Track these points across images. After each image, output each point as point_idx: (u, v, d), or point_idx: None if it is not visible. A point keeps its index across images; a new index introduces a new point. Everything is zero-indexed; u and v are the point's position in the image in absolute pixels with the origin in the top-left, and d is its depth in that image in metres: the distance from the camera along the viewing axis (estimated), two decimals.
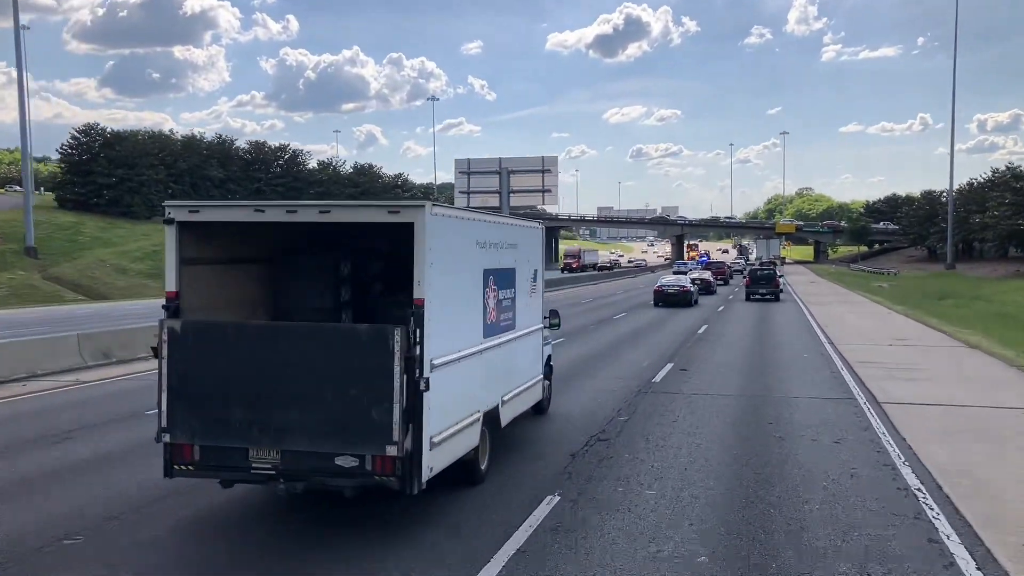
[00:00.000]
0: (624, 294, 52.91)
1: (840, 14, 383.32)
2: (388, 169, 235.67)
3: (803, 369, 18.08)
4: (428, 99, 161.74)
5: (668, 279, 43.73)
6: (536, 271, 11.25)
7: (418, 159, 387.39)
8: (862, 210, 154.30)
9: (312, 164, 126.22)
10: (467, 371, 8.13)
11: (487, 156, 60.58)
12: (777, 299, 44.39)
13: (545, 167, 52.63)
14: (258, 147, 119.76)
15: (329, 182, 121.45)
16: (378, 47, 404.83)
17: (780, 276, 48.98)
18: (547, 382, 12.62)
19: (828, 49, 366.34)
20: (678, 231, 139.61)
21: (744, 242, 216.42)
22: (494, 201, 55.40)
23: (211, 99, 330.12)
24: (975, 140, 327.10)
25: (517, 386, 10.11)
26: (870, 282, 68.28)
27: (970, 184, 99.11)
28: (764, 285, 44.99)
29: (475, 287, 8.49)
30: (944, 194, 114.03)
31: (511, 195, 54.90)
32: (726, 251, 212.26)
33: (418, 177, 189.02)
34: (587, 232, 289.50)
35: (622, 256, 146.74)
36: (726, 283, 64.17)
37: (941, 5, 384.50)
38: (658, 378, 16.51)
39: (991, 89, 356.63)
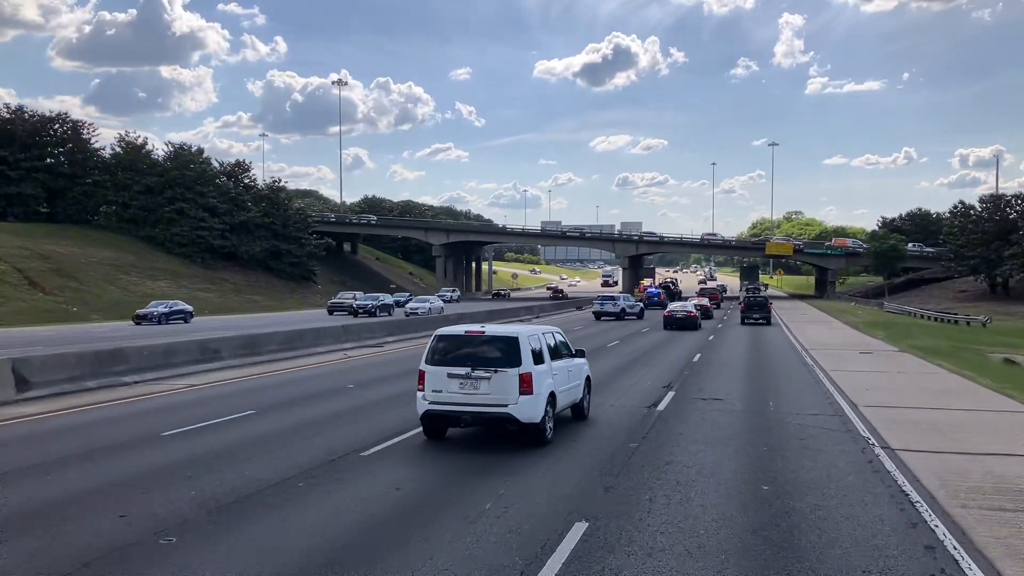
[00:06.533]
0: None
1: (826, 48, 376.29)
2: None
3: None
4: (334, 83, 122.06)
5: (674, 306, 44.09)
6: None
7: (405, 183, 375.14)
8: (877, 227, 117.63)
9: (103, 146, 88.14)
10: None
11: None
12: (768, 323, 45.01)
13: None
14: (18, 116, 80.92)
15: (121, 167, 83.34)
16: (366, 71, 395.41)
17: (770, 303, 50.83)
18: None
19: (814, 81, 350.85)
20: (632, 250, 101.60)
21: (708, 268, 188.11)
22: None
23: (197, 119, 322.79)
24: (957, 175, 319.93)
25: None
26: (968, 346, 31.21)
27: None
28: (757, 311, 46.31)
29: None
30: (1018, 199, 77.23)
31: None
32: (676, 272, 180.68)
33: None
34: (548, 252, 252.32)
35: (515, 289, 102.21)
36: (718, 306, 67.82)
37: (926, 41, 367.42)
38: None
39: (973, 125, 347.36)
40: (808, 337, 35.74)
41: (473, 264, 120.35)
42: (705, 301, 56.37)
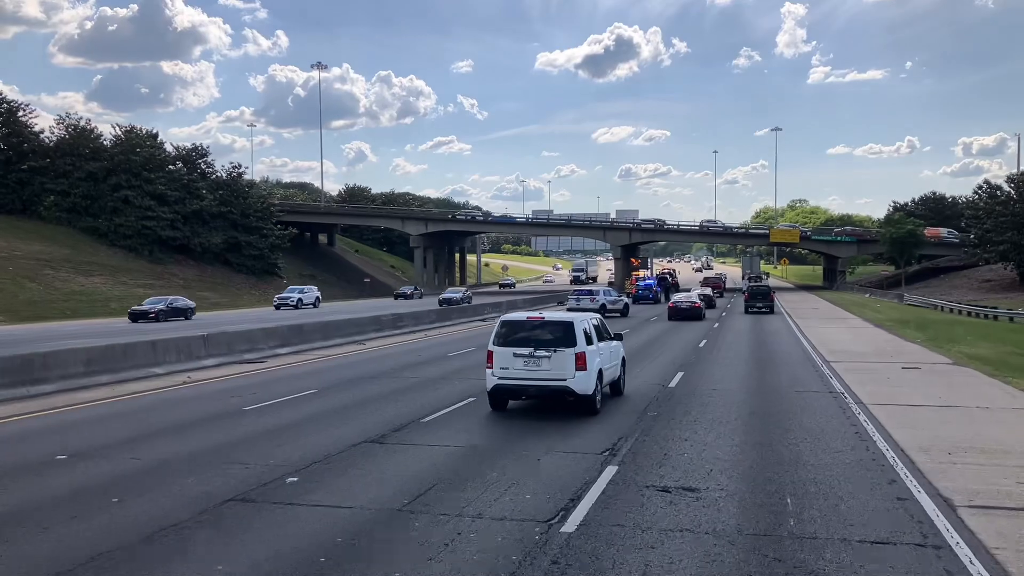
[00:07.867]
0: None
1: (828, 37, 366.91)
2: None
3: None
4: (313, 66, 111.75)
5: (679, 297, 43.56)
6: None
7: (407, 176, 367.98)
8: (889, 212, 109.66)
9: (43, 127, 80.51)
10: None
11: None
12: (772, 312, 45.00)
13: None
14: None
15: (61, 152, 75.82)
16: (368, 64, 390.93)
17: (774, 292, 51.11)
18: None
19: (816, 71, 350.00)
20: (625, 238, 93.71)
21: (705, 257, 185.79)
22: None
23: (200, 114, 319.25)
24: (960, 163, 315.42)
25: None
26: None
27: None
28: (761, 300, 46.15)
29: None
30: None
31: None
32: (672, 262, 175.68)
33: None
34: (540, 243, 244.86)
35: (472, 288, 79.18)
36: (721, 295, 66.14)
37: (929, 29, 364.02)
38: None
39: (977, 113, 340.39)
40: (825, 341, 28.17)
41: (457, 255, 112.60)
42: (708, 291, 56.28)
